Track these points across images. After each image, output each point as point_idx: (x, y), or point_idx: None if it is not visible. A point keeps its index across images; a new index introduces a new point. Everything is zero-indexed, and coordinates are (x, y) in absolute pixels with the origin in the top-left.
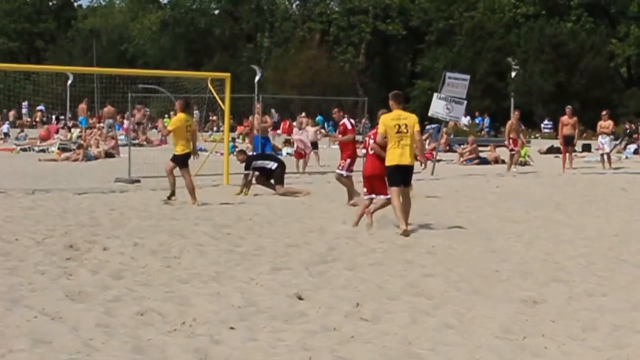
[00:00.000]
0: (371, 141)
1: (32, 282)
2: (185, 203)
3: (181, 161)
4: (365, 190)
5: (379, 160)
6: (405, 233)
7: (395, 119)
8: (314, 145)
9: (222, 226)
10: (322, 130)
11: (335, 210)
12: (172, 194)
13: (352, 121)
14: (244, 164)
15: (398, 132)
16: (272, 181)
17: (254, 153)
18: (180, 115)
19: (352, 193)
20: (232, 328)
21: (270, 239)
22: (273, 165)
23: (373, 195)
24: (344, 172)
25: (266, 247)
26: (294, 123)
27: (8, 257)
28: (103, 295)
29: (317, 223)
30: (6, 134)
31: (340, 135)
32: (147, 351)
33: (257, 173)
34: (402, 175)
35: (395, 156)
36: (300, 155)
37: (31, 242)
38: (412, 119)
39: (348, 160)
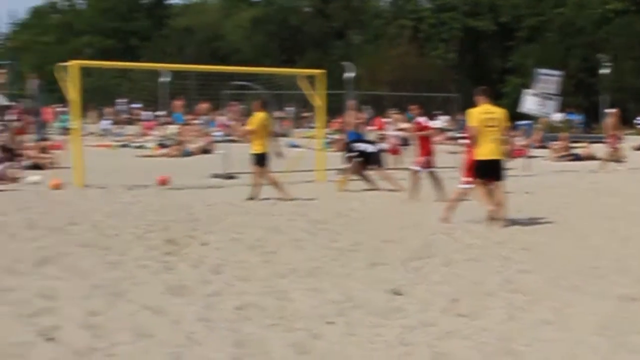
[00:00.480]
0: None
1: (134, 276)
2: (280, 200)
3: (261, 160)
4: (466, 179)
5: None
6: (493, 213)
7: (484, 113)
8: (406, 141)
9: (318, 222)
10: (405, 125)
11: (430, 206)
12: (253, 197)
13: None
14: (344, 151)
15: (488, 126)
16: (370, 167)
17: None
18: (260, 115)
19: (416, 191)
20: (330, 323)
21: (366, 234)
22: (372, 148)
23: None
24: (418, 168)
25: (362, 242)
26: (387, 119)
27: (109, 252)
28: (203, 289)
29: (412, 219)
30: (105, 130)
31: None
32: (248, 345)
33: (359, 158)
34: (491, 169)
35: (485, 150)
36: (394, 151)
37: (132, 237)
38: (501, 113)
39: (424, 158)
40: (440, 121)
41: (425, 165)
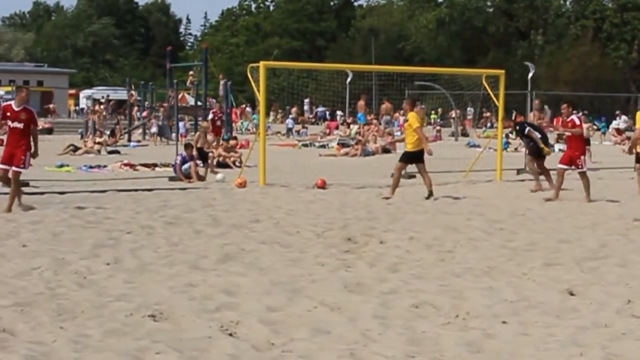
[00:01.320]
0: None
1: (312, 273)
2: (458, 199)
3: (416, 157)
4: None
5: None
6: None
7: None
8: (586, 141)
9: (495, 221)
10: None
11: (607, 206)
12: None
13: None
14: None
15: None
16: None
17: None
18: (415, 114)
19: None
20: (504, 322)
21: (542, 234)
22: (538, 135)
23: None
24: (585, 169)
25: (538, 242)
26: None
27: (290, 249)
28: (379, 287)
29: (588, 219)
30: (290, 129)
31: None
32: (422, 343)
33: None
34: None
35: None
36: None
37: (312, 235)
38: None
39: (583, 157)
40: (621, 121)
41: (586, 163)
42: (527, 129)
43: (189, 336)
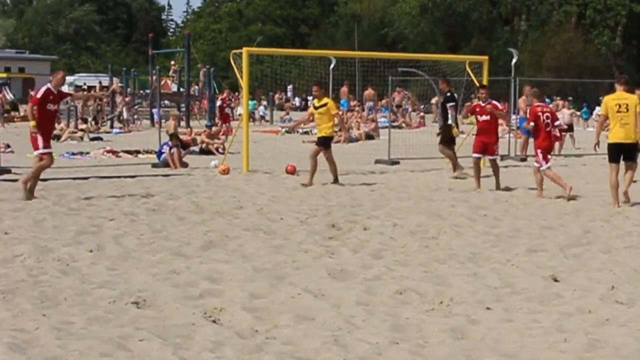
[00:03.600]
0: None
1: (296, 260)
2: (440, 188)
3: (327, 143)
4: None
5: None
6: (616, 206)
7: (616, 99)
8: (570, 127)
9: (479, 208)
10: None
11: (591, 193)
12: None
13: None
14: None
15: (618, 111)
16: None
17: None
18: (330, 100)
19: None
20: (488, 308)
21: (525, 220)
22: (453, 114)
23: None
24: (497, 156)
25: (522, 228)
26: (550, 105)
27: (274, 236)
28: (363, 274)
29: (572, 205)
30: (262, 117)
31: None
32: (406, 329)
33: None
34: (622, 152)
35: (615, 134)
36: (556, 137)
37: (295, 222)
38: (632, 99)
39: (497, 144)
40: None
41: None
42: (451, 104)
43: (172, 323)
